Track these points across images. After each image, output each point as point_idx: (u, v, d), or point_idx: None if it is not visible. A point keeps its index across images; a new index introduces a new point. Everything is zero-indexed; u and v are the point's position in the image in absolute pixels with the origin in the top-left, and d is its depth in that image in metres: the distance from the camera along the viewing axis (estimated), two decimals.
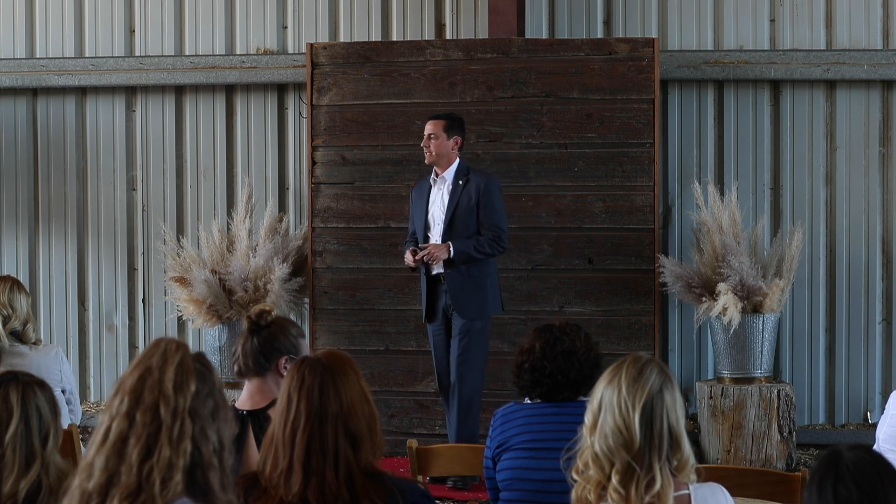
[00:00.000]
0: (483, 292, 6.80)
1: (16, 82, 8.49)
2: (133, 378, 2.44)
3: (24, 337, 5.56)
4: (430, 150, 6.81)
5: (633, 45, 7.57)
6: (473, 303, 6.77)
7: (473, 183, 6.78)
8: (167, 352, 2.46)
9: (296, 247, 7.85)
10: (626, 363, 2.97)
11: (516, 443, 3.95)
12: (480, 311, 6.79)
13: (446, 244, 6.69)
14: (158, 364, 2.44)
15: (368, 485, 2.90)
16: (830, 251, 7.93)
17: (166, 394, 2.40)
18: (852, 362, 7.91)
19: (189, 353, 2.47)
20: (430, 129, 6.82)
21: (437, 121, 6.85)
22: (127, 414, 2.40)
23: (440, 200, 6.84)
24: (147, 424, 2.38)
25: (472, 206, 6.75)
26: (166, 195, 8.52)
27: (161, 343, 2.48)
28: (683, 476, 2.97)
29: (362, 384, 2.98)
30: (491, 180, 6.85)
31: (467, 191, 6.77)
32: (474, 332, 6.76)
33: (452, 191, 6.79)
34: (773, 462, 7.18)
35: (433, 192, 6.87)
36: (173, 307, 7.97)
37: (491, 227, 6.76)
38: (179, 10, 8.51)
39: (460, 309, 6.73)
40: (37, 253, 8.65)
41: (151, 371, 2.43)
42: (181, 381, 2.42)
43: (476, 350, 6.77)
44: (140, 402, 2.40)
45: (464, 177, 6.81)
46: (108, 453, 2.38)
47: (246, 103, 8.42)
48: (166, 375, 2.42)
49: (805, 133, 7.93)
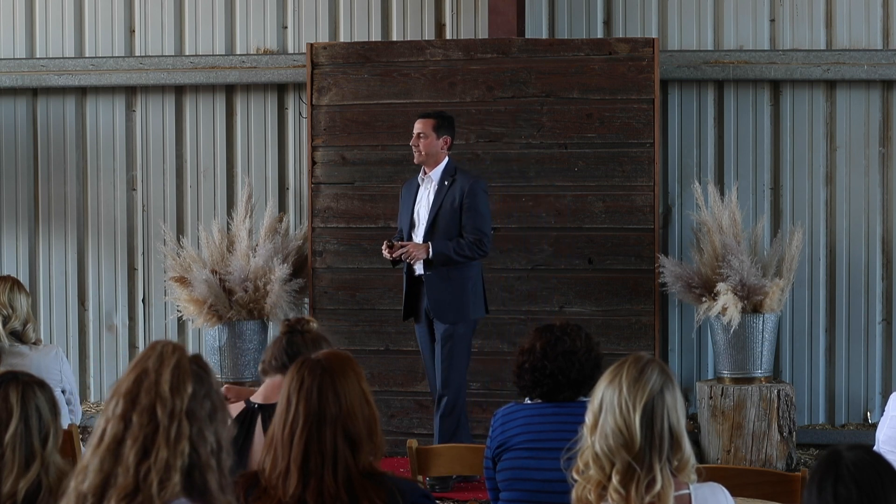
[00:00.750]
0: (463, 295, 6.67)
1: (16, 82, 8.49)
2: (129, 380, 2.43)
3: (24, 337, 5.56)
4: (420, 150, 6.75)
5: (633, 45, 7.57)
6: (453, 306, 6.65)
7: (458, 184, 6.69)
8: (163, 354, 2.45)
9: (296, 247, 7.85)
10: (626, 363, 2.97)
11: (516, 443, 3.95)
12: (459, 315, 6.65)
13: (426, 244, 6.62)
14: (155, 366, 2.43)
15: (368, 486, 2.90)
16: (830, 251, 7.93)
17: (163, 395, 2.40)
18: (852, 362, 7.91)
19: (186, 355, 2.47)
20: (420, 128, 6.76)
21: (427, 120, 6.78)
22: (123, 416, 2.40)
23: (426, 200, 6.76)
24: (144, 426, 2.38)
25: (455, 207, 6.66)
26: (166, 195, 8.52)
27: (157, 345, 2.48)
28: (684, 476, 2.97)
29: (362, 385, 2.98)
30: (476, 182, 6.74)
31: (452, 192, 6.69)
32: (457, 336, 6.65)
33: (437, 191, 6.73)
34: (773, 462, 7.18)
35: (420, 191, 6.80)
36: (173, 307, 7.96)
37: (473, 231, 6.65)
38: (179, 10, 8.51)
39: (438, 312, 6.64)
40: (37, 253, 8.65)
41: (148, 373, 2.42)
42: (178, 383, 2.41)
43: (459, 356, 6.67)
44: (136, 403, 2.40)
45: (450, 177, 6.73)
46: (104, 455, 2.37)
47: (246, 103, 8.42)
48: (163, 377, 2.41)
49: (805, 133, 7.93)
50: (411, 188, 6.88)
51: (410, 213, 6.80)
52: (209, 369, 2.51)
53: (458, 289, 6.67)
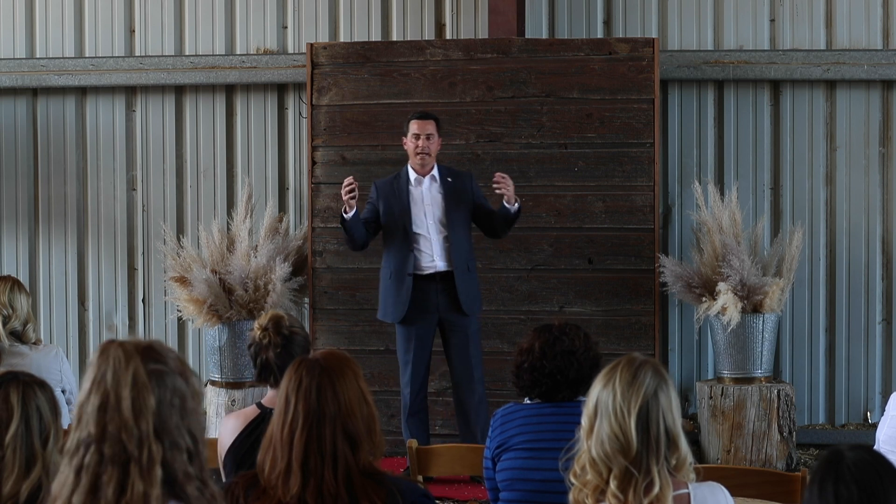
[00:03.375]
0: (478, 287, 6.90)
1: (16, 82, 8.49)
2: (92, 405, 2.37)
3: (23, 337, 5.56)
4: (430, 151, 6.78)
5: (633, 45, 7.57)
6: (477, 298, 6.84)
7: (461, 179, 6.83)
8: (118, 369, 2.38)
9: (296, 247, 7.85)
10: (620, 366, 2.96)
11: (516, 443, 3.96)
12: (479, 306, 6.89)
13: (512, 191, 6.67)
14: (113, 386, 2.37)
15: (367, 485, 2.90)
16: (830, 251, 7.93)
17: (127, 423, 2.35)
18: (852, 362, 7.91)
19: (139, 361, 2.39)
20: (427, 130, 6.77)
21: (430, 121, 6.81)
22: (97, 449, 2.36)
23: (432, 200, 6.77)
24: (115, 458, 2.34)
25: (467, 201, 6.77)
26: (166, 195, 8.52)
27: (110, 355, 2.40)
28: (682, 475, 2.96)
29: (361, 385, 2.98)
30: (472, 175, 6.97)
31: (458, 188, 6.78)
32: (478, 328, 6.88)
33: (445, 189, 6.77)
34: (773, 462, 7.19)
35: (415, 190, 6.78)
36: (173, 307, 7.96)
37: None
38: (179, 10, 8.51)
39: (469, 305, 6.74)
40: (37, 253, 8.65)
41: (108, 394, 2.36)
42: (139, 402, 2.36)
43: (479, 347, 6.85)
44: (105, 434, 2.35)
45: (449, 175, 6.84)
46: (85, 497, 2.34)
47: (246, 103, 8.42)
48: (123, 402, 2.35)
49: (805, 133, 7.93)
50: (397, 190, 6.80)
51: (408, 214, 6.75)
52: (167, 357, 2.42)
53: (476, 280, 6.87)
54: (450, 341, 6.82)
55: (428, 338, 6.82)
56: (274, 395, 3.99)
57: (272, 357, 4.19)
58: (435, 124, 6.81)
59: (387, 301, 6.84)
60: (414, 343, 6.79)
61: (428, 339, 6.82)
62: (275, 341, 4.20)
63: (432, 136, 6.79)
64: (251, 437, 4.06)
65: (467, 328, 6.78)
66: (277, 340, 4.20)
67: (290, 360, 4.04)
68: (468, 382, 6.78)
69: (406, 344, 6.82)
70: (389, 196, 6.82)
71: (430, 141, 6.77)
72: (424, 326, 6.79)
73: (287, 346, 4.19)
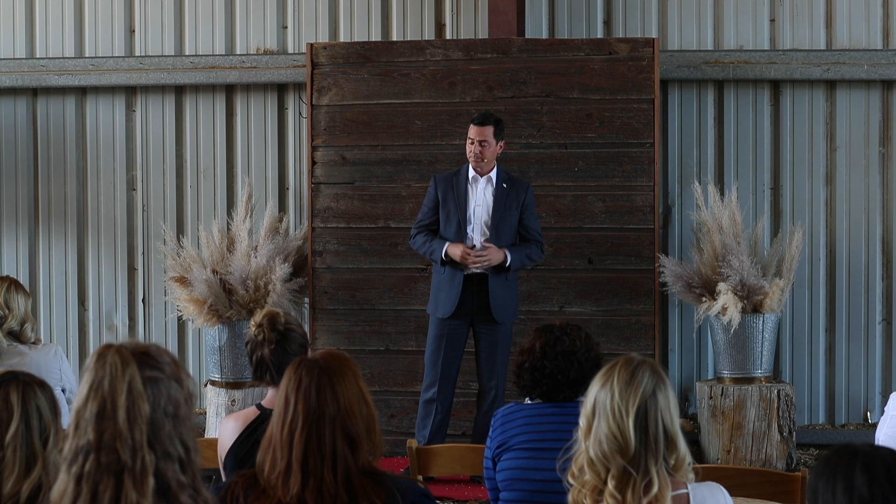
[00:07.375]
0: (516, 296, 6.87)
1: (16, 82, 8.49)
2: (90, 412, 2.37)
3: (22, 337, 5.56)
4: (483, 157, 6.73)
5: (633, 45, 7.57)
6: (511, 305, 6.80)
7: (516, 188, 6.79)
8: (114, 374, 2.38)
9: (296, 247, 7.85)
10: (618, 366, 2.96)
11: (516, 443, 3.96)
12: (514, 314, 6.85)
13: (503, 251, 6.66)
14: (109, 392, 2.37)
15: (367, 485, 2.89)
16: (830, 251, 7.93)
17: (122, 432, 2.35)
18: (852, 362, 7.91)
19: (135, 367, 2.38)
20: (482, 136, 6.71)
21: (487, 127, 6.72)
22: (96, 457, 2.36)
23: (483, 201, 6.77)
24: (111, 467, 2.34)
25: (515, 210, 6.76)
26: (166, 195, 8.52)
27: (107, 360, 2.40)
28: (681, 475, 2.96)
29: (360, 384, 2.98)
30: (530, 187, 6.91)
31: (511, 196, 6.76)
32: (509, 335, 6.79)
33: (498, 193, 6.76)
34: (773, 462, 7.18)
35: (471, 190, 6.78)
36: (173, 307, 7.96)
37: (537, 234, 6.84)
38: (179, 10, 8.51)
39: (501, 312, 6.71)
40: (37, 253, 8.65)
41: (105, 401, 2.36)
42: (134, 412, 2.36)
43: (506, 354, 6.75)
44: (102, 442, 2.36)
45: (507, 180, 6.81)
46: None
47: (246, 103, 8.42)
48: (119, 409, 2.35)
49: (805, 133, 7.93)
50: (454, 185, 6.80)
51: (462, 212, 6.75)
52: (162, 363, 2.42)
53: (514, 288, 6.84)
54: (478, 345, 6.82)
55: (461, 336, 6.79)
56: (273, 397, 3.99)
57: (267, 354, 4.15)
58: (492, 131, 6.73)
59: (438, 295, 6.82)
60: (446, 339, 6.75)
61: (459, 340, 6.79)
62: (269, 338, 4.17)
63: (486, 143, 6.71)
64: (251, 438, 4.05)
65: (495, 334, 6.73)
66: (272, 337, 4.17)
67: (286, 356, 4.05)
68: (487, 391, 6.78)
69: (436, 343, 6.78)
70: (448, 190, 6.83)
71: (484, 147, 6.72)
72: (458, 324, 6.77)
73: (282, 343, 4.16)
